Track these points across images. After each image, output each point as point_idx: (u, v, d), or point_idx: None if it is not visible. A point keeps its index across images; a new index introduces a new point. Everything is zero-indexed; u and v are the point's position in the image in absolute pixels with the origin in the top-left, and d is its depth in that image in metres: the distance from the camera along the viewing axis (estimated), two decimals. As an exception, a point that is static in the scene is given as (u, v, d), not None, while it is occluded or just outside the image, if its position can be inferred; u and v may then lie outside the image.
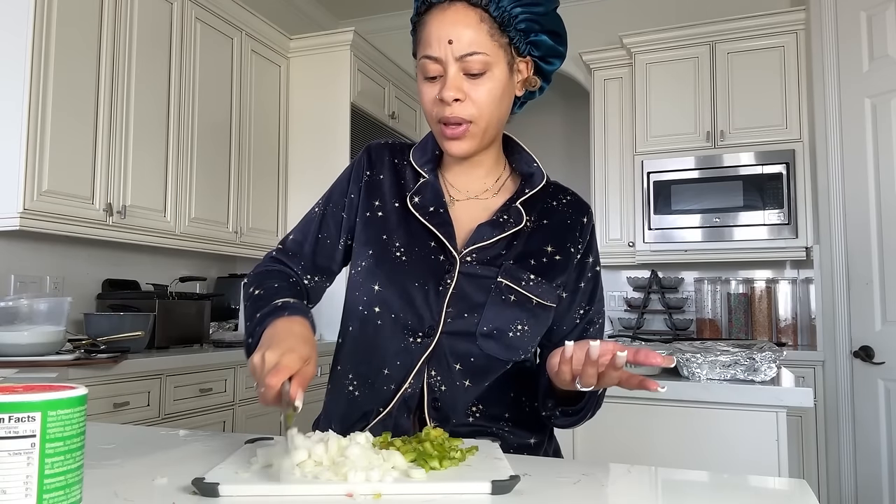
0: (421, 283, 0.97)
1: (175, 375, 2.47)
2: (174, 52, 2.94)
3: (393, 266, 0.98)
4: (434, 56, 0.93)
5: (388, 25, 4.64)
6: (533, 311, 0.97)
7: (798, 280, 3.54)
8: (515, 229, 0.99)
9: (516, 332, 0.96)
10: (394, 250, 0.99)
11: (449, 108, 0.93)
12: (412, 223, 1.00)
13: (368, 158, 1.09)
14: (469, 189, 1.05)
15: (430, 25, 0.94)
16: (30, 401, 0.57)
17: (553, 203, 1.05)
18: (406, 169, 1.06)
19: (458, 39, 0.91)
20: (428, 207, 1.00)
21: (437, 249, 0.98)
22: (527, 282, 0.97)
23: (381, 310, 0.97)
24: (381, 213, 1.02)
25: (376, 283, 0.98)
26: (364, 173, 1.07)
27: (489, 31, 0.93)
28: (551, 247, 1.01)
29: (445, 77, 0.93)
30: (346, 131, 3.61)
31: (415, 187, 1.03)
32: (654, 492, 0.77)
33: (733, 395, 1.58)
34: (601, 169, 3.80)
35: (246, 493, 0.68)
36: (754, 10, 3.55)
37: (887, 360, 2.66)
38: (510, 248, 0.99)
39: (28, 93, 2.28)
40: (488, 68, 0.93)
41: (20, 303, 2.14)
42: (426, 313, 0.96)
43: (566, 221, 1.04)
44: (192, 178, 3.02)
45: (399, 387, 0.96)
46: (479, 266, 0.97)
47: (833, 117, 2.94)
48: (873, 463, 2.72)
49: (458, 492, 0.69)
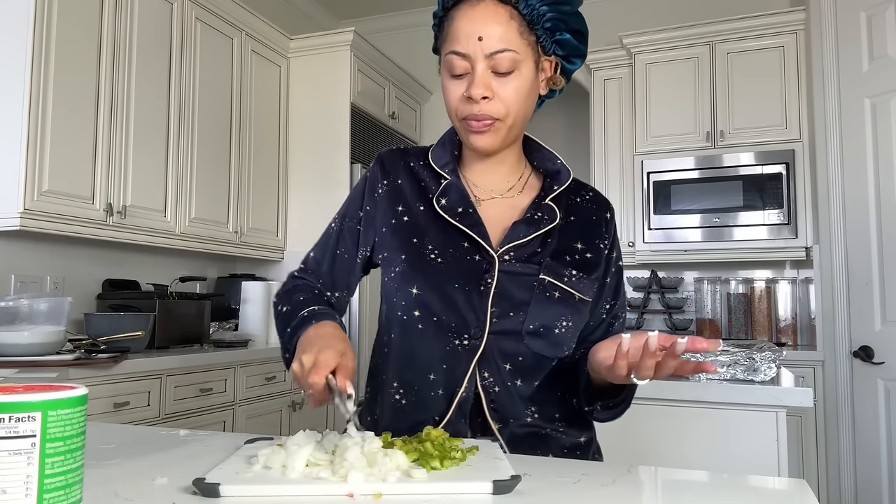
0: (461, 284, 0.95)
1: (175, 375, 2.47)
2: (174, 52, 2.94)
3: (429, 268, 0.96)
4: (462, 52, 0.92)
5: (388, 25, 4.64)
6: (576, 306, 0.98)
7: (798, 280, 3.54)
8: (551, 226, 0.99)
9: (561, 328, 0.96)
10: (427, 253, 0.97)
11: (477, 105, 0.92)
12: (442, 225, 0.99)
13: (382, 168, 1.06)
14: (493, 188, 1.04)
15: (459, 21, 0.92)
16: (30, 401, 0.57)
17: (577, 199, 1.05)
18: (423, 171, 1.04)
19: (488, 36, 0.90)
20: (456, 208, 0.99)
21: (472, 250, 0.97)
22: (568, 277, 0.97)
23: (420, 313, 0.96)
24: (408, 218, 1.01)
25: (414, 287, 0.96)
26: (379, 184, 1.05)
27: (518, 28, 0.92)
28: (581, 244, 1.01)
29: (473, 74, 0.92)
30: (346, 131, 3.61)
31: (438, 189, 1.01)
32: (654, 492, 0.77)
33: (733, 395, 1.58)
34: (601, 169, 3.80)
35: (246, 494, 0.68)
36: (754, 10, 3.54)
37: (887, 360, 2.66)
38: (545, 245, 0.99)
39: (28, 93, 2.28)
40: (517, 66, 0.92)
41: (20, 303, 2.14)
42: (470, 315, 0.94)
43: (592, 218, 1.05)
44: (192, 178, 3.02)
45: (451, 392, 0.95)
46: (518, 264, 0.96)
47: (833, 117, 2.94)
48: (873, 463, 2.72)
49: (459, 492, 0.69)
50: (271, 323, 3.26)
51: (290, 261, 3.68)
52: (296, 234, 3.67)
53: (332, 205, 3.53)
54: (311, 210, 3.64)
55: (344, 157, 3.60)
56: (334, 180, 3.60)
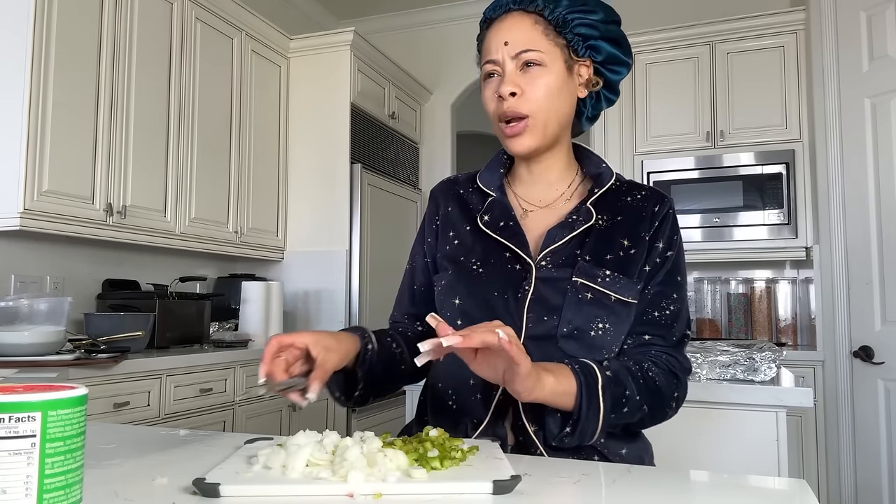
0: (500, 292, 0.98)
1: (175, 375, 2.47)
2: (174, 52, 2.94)
3: (471, 279, 1.01)
4: (493, 59, 0.99)
5: (388, 25, 4.64)
6: (612, 307, 0.96)
7: (798, 280, 3.54)
8: (585, 226, 0.99)
9: (597, 330, 0.96)
10: (471, 265, 1.02)
11: (506, 102, 0.97)
12: (486, 240, 1.03)
13: (434, 202, 1.14)
14: (542, 199, 1.07)
15: (490, 34, 1.01)
16: (30, 401, 0.57)
17: (627, 199, 1.05)
18: (472, 196, 1.10)
19: (513, 40, 0.98)
20: (498, 223, 1.03)
21: (513, 259, 1.00)
22: (602, 278, 0.96)
23: (462, 322, 0.99)
24: (457, 241, 1.06)
25: (456, 298, 1.01)
26: (435, 218, 1.12)
27: (544, 31, 0.98)
28: (627, 241, 1.00)
29: (503, 76, 0.98)
30: (346, 131, 3.61)
31: (483, 207, 1.06)
32: (654, 492, 0.77)
33: (733, 395, 1.58)
34: (601, 169, 3.80)
35: (247, 494, 0.68)
36: (754, 10, 3.55)
37: (887, 360, 2.66)
38: (583, 246, 0.99)
39: (28, 93, 2.28)
40: (542, 63, 0.97)
41: (20, 303, 2.14)
42: (507, 321, 0.94)
43: (641, 214, 1.03)
44: (192, 178, 3.02)
45: (489, 396, 0.96)
46: (554, 269, 0.98)
47: (833, 117, 2.94)
48: (873, 463, 2.72)
49: (459, 492, 0.69)
50: (271, 323, 3.26)
51: (290, 261, 3.68)
52: (296, 234, 3.67)
53: (332, 205, 3.57)
54: (311, 210, 3.64)
55: (344, 157, 3.60)
56: (334, 180, 3.60)
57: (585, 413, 0.87)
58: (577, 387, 0.87)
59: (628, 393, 0.90)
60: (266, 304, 3.22)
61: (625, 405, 0.90)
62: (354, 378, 0.97)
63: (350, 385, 0.99)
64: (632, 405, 0.91)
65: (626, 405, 0.90)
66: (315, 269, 3.61)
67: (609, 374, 0.90)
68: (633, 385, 0.91)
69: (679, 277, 1.02)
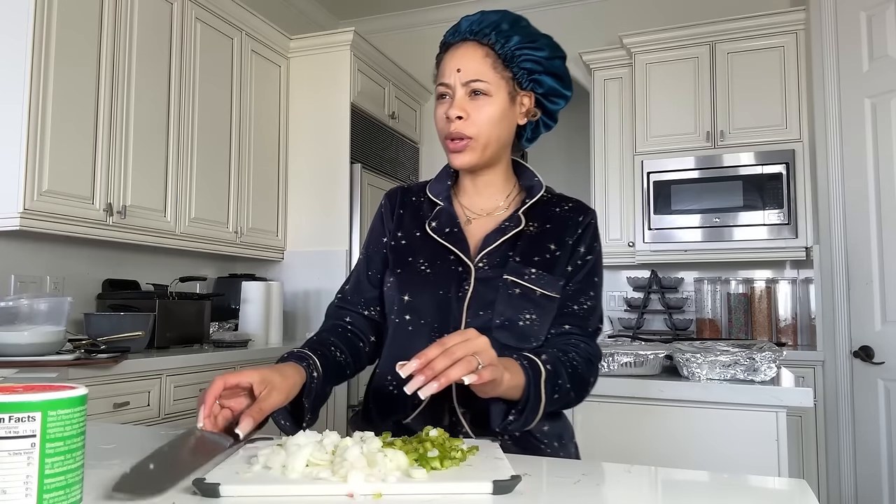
0: (444, 290, 1.11)
1: (175, 375, 2.47)
2: (174, 52, 2.94)
3: (419, 278, 1.13)
4: (446, 82, 1.11)
5: (388, 25, 4.64)
6: (538, 301, 1.09)
7: (798, 280, 3.54)
8: (515, 231, 1.13)
9: (526, 321, 1.09)
10: (419, 265, 1.15)
11: (454, 124, 1.10)
12: (433, 244, 1.16)
13: (389, 202, 1.25)
14: (483, 208, 1.20)
15: (446, 59, 1.13)
16: (30, 401, 0.57)
17: (556, 210, 1.19)
18: (423, 203, 1.22)
19: (465, 69, 1.10)
20: (444, 229, 1.16)
21: (456, 262, 1.13)
22: (529, 276, 1.10)
23: (411, 317, 1.12)
24: (405, 242, 1.19)
25: (405, 294, 1.13)
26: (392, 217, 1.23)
27: (493, 64, 1.10)
28: (554, 245, 1.14)
29: (453, 99, 1.10)
30: (346, 131, 3.61)
31: (432, 214, 1.19)
32: (654, 492, 0.77)
33: (733, 395, 1.58)
34: (601, 169, 3.80)
35: (246, 494, 0.68)
36: (754, 10, 3.55)
37: (887, 360, 2.66)
38: (515, 248, 1.13)
39: (28, 93, 2.28)
40: (488, 93, 1.09)
41: (20, 303, 2.14)
42: (450, 316, 1.09)
43: (567, 223, 1.17)
44: (192, 178, 3.02)
45: None
46: (489, 270, 1.11)
47: (833, 117, 2.94)
48: (873, 463, 2.72)
49: (459, 492, 0.69)
50: (271, 323, 3.26)
51: (289, 261, 3.68)
52: (296, 234, 3.67)
53: (332, 205, 3.57)
54: (311, 210, 3.64)
55: (344, 157, 3.60)
56: (334, 180, 3.60)
57: (532, 404, 0.97)
58: (525, 381, 0.96)
59: (561, 382, 1.02)
60: (266, 304, 3.22)
61: (558, 393, 1.01)
62: (301, 407, 1.01)
63: (298, 414, 1.03)
64: (563, 392, 1.02)
65: (559, 393, 1.01)
66: (315, 269, 3.61)
67: (549, 367, 1.01)
68: (566, 375, 1.03)
69: (596, 279, 1.16)
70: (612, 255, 3.73)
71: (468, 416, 1.06)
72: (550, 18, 4.13)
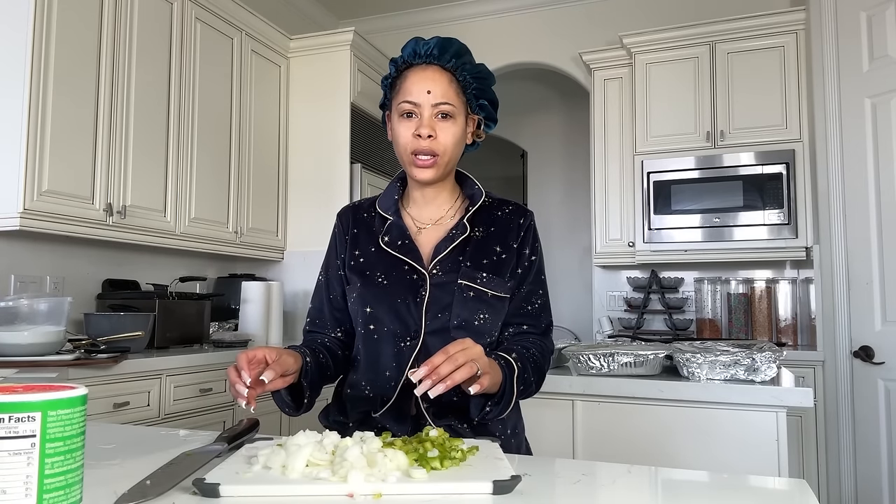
0: (402, 298, 1.19)
1: (175, 375, 2.47)
2: (174, 52, 2.94)
3: (378, 290, 1.21)
4: (414, 101, 1.19)
5: (388, 25, 4.64)
6: (490, 302, 1.20)
7: (798, 280, 3.54)
8: (463, 237, 1.22)
9: (480, 320, 1.19)
10: (377, 278, 1.22)
11: (424, 142, 1.18)
12: (387, 257, 1.24)
13: (341, 223, 1.33)
14: (432, 217, 1.29)
15: (411, 79, 1.20)
16: (30, 401, 0.57)
17: (498, 213, 1.29)
18: (375, 219, 1.30)
19: (434, 91, 1.18)
20: (396, 242, 1.24)
21: (411, 271, 1.21)
22: (481, 279, 1.20)
23: (375, 326, 1.20)
24: (363, 259, 1.26)
25: (367, 307, 1.21)
26: (344, 236, 1.31)
27: (455, 89, 1.21)
28: (499, 248, 1.24)
29: (421, 118, 1.18)
30: (345, 131, 3.61)
31: (384, 229, 1.27)
32: (654, 492, 0.77)
33: (733, 395, 1.58)
34: (601, 169, 3.80)
35: (246, 494, 0.68)
36: (754, 10, 3.55)
37: (887, 360, 2.66)
38: (465, 254, 1.22)
39: (28, 93, 2.28)
40: (453, 115, 1.19)
41: (20, 303, 2.14)
42: (410, 321, 1.18)
43: (509, 225, 1.27)
44: (192, 178, 3.02)
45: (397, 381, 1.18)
46: (443, 275, 1.20)
47: (833, 117, 2.94)
48: (873, 463, 2.72)
49: (459, 492, 0.69)
50: (271, 323, 3.26)
51: (289, 261, 3.68)
52: (296, 234, 3.67)
53: (332, 205, 3.57)
54: (311, 210, 3.64)
55: (344, 157, 3.60)
56: (334, 180, 3.60)
57: (507, 398, 1.10)
58: (503, 378, 1.08)
59: (527, 376, 1.15)
60: (266, 304, 3.22)
61: (524, 384, 1.14)
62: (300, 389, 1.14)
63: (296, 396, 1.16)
64: (527, 384, 1.16)
65: (525, 384, 1.15)
66: (315, 269, 3.56)
67: (520, 364, 1.13)
68: (531, 370, 1.16)
69: (542, 276, 1.29)
70: (611, 255, 3.73)
71: (431, 410, 1.16)
72: (550, 18, 4.14)
